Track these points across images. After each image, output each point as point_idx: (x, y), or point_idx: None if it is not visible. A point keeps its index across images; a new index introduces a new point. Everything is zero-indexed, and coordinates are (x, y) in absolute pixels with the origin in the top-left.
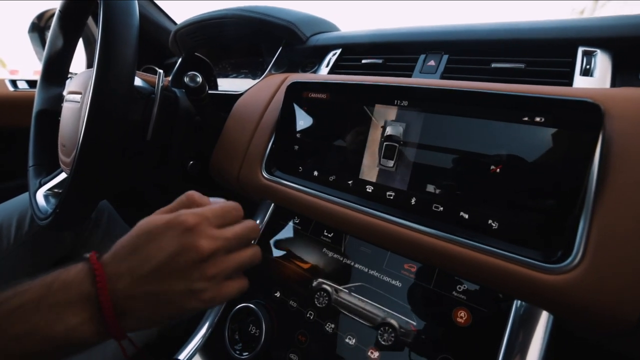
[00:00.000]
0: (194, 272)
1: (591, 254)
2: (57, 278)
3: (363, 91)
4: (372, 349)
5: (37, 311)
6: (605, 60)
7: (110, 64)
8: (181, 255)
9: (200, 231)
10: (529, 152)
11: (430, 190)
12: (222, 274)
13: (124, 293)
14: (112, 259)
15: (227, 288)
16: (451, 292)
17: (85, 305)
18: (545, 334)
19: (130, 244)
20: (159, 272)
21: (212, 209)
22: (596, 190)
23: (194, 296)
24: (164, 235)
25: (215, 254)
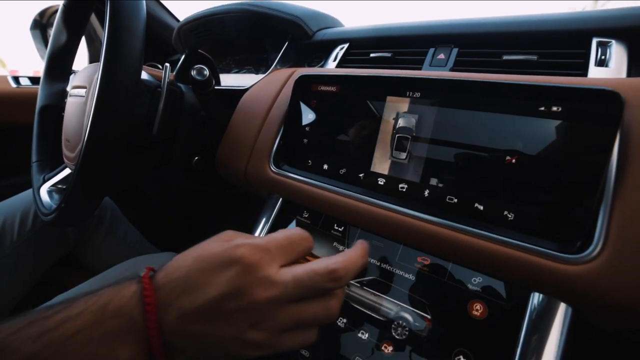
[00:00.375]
0: (245, 321)
1: (612, 243)
2: (111, 300)
3: (374, 83)
4: (386, 344)
5: (90, 342)
6: (620, 50)
7: (117, 56)
8: (231, 299)
9: (257, 272)
10: (545, 142)
11: (444, 182)
12: (279, 327)
13: (173, 329)
14: (164, 284)
15: (287, 341)
16: (466, 285)
17: (136, 338)
18: (564, 327)
19: (184, 269)
20: (207, 312)
21: (276, 240)
22: (616, 179)
23: (244, 346)
24: (217, 271)
25: (270, 304)
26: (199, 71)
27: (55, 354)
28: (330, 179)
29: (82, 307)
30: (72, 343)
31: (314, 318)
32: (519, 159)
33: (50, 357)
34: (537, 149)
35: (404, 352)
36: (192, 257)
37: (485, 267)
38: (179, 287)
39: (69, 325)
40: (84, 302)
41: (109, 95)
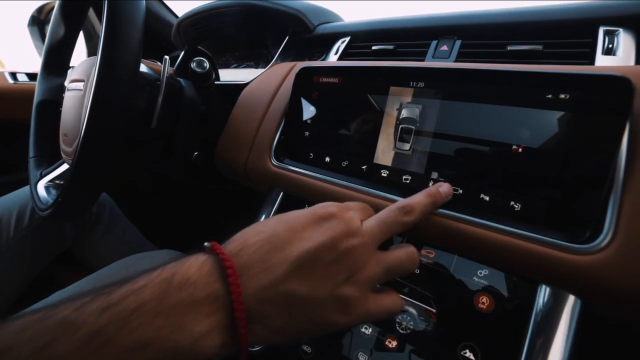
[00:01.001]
0: (341, 273)
1: (622, 233)
2: (176, 271)
3: (377, 74)
4: (390, 338)
5: (157, 314)
6: (628, 39)
7: (115, 47)
8: (329, 249)
9: (348, 223)
10: (552, 131)
11: (449, 172)
12: (373, 278)
13: (259, 294)
14: (239, 251)
15: (375, 303)
16: (472, 278)
17: (214, 308)
18: (573, 319)
19: (265, 232)
20: (300, 267)
21: (353, 203)
22: (626, 168)
23: (337, 307)
24: (310, 226)
25: (365, 250)
26: (199, 63)
27: (121, 328)
28: (333, 171)
29: (145, 281)
30: (137, 316)
31: (400, 263)
32: (526, 149)
33: (115, 332)
34: (544, 138)
35: (408, 347)
36: (274, 222)
37: (491, 259)
38: (265, 248)
39: (132, 298)
40: (145, 276)
41: (107, 88)
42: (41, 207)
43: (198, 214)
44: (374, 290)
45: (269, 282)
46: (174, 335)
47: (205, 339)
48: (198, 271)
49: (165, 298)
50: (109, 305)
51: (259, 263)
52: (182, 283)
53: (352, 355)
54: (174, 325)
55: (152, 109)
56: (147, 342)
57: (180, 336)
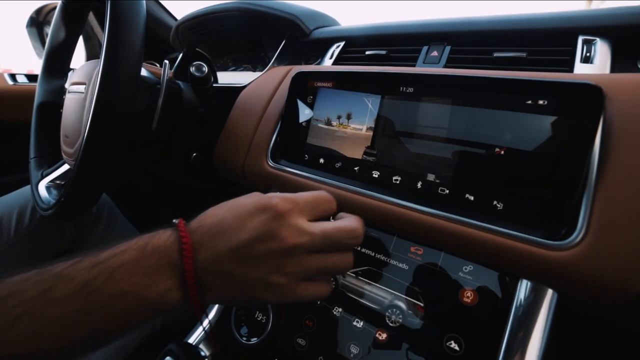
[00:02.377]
0: (271, 263)
1: (593, 231)
2: (149, 242)
3: (369, 79)
4: (380, 331)
5: (134, 273)
6: (604, 48)
7: (118, 52)
8: (262, 241)
9: (287, 220)
10: (532, 134)
11: (436, 173)
12: (300, 273)
13: (205, 267)
14: (197, 228)
15: (303, 289)
16: (457, 273)
17: (173, 272)
18: (550, 311)
19: (217, 216)
20: (237, 253)
21: (305, 196)
22: (598, 170)
23: (266, 289)
24: (251, 216)
25: (297, 250)
26: (198, 67)
27: (107, 280)
28: (326, 172)
29: (125, 246)
30: (119, 272)
31: (334, 267)
32: (508, 151)
33: (103, 283)
34: (524, 141)
35: (398, 339)
36: (226, 206)
37: (475, 256)
38: (213, 230)
39: (115, 259)
40: (125, 243)
41: (109, 91)
42: (43, 207)
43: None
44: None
45: (212, 259)
46: (146, 289)
47: (167, 294)
48: (164, 242)
49: (140, 261)
50: (97, 263)
51: (208, 242)
52: (153, 250)
53: (345, 348)
54: (146, 282)
55: (152, 111)
56: (126, 292)
57: (150, 290)
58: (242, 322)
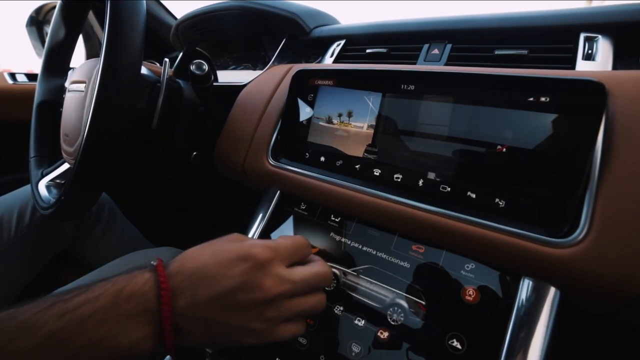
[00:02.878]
0: (252, 311)
1: (596, 228)
2: (125, 285)
3: (370, 77)
4: (381, 330)
5: (107, 321)
6: (606, 45)
7: (118, 51)
8: (245, 291)
9: (269, 269)
10: (534, 132)
11: (438, 171)
12: (280, 318)
13: (183, 313)
14: (177, 273)
15: (282, 331)
16: (459, 271)
17: (149, 320)
18: (552, 309)
19: (200, 262)
20: (219, 301)
21: (285, 243)
22: (600, 167)
23: (247, 334)
24: (233, 265)
25: (278, 297)
26: (198, 66)
27: (76, 330)
28: (327, 170)
29: (99, 291)
30: (91, 321)
31: (312, 308)
32: (509, 149)
33: (71, 333)
34: (526, 139)
35: (399, 337)
36: (209, 252)
37: (477, 253)
38: (195, 276)
39: (87, 306)
40: (100, 286)
41: (109, 90)
42: (43, 206)
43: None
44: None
45: (193, 306)
46: (118, 338)
47: (140, 343)
48: (141, 287)
49: (114, 308)
50: (67, 310)
51: (188, 288)
52: (129, 296)
53: (346, 347)
54: (119, 331)
55: (152, 110)
56: (97, 342)
57: (122, 339)
58: None
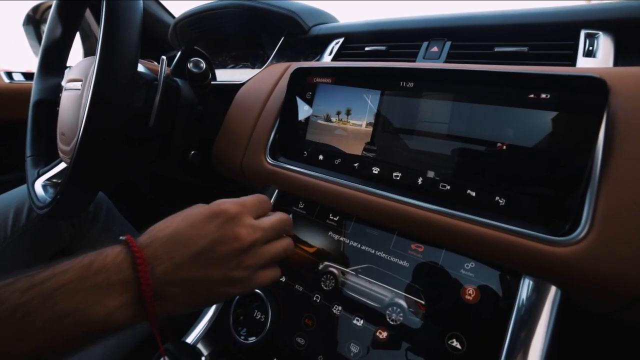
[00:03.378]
0: (232, 261)
1: (598, 226)
2: (94, 260)
3: (369, 74)
4: (380, 329)
5: (77, 292)
6: (607, 42)
7: (114, 48)
8: (223, 243)
9: (241, 221)
10: (534, 129)
11: (437, 170)
12: (258, 264)
13: (164, 278)
14: (149, 243)
15: (262, 277)
16: (459, 271)
17: (125, 288)
18: (553, 309)
19: (170, 228)
20: (199, 258)
21: (249, 199)
22: (602, 164)
23: (230, 284)
24: (206, 223)
25: (254, 245)
26: (196, 64)
27: (42, 303)
28: (326, 169)
29: (67, 266)
30: (58, 294)
31: (283, 251)
32: (510, 146)
33: (37, 307)
34: (526, 136)
35: (399, 337)
36: (178, 218)
37: (477, 252)
38: (169, 242)
39: (55, 280)
40: (68, 262)
41: (105, 87)
42: (39, 205)
43: None
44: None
45: (172, 269)
46: (91, 308)
47: (117, 312)
48: (113, 260)
49: (84, 280)
50: (33, 284)
51: (164, 254)
52: (99, 269)
53: (345, 347)
54: (91, 301)
55: (149, 108)
56: (67, 314)
57: (96, 309)
58: (240, 322)
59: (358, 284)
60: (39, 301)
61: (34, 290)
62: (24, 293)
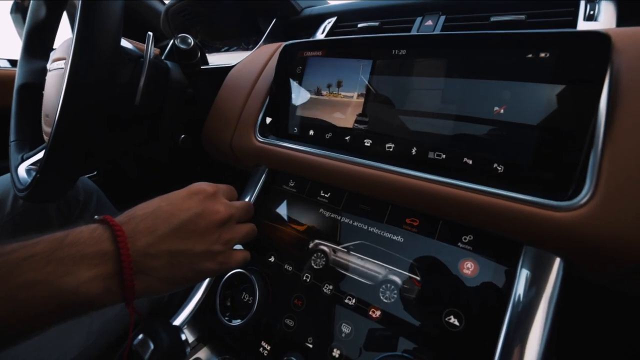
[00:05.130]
0: (212, 234)
1: (603, 188)
2: (68, 234)
3: (360, 44)
4: (373, 308)
5: (47, 263)
6: (609, 6)
7: (94, 19)
8: (203, 217)
9: (218, 199)
10: (533, 91)
11: (431, 138)
12: (233, 240)
13: (145, 251)
14: (128, 220)
15: (237, 256)
16: (456, 244)
17: (102, 261)
18: (557, 280)
19: (150, 207)
20: (181, 231)
21: (221, 185)
22: (606, 125)
23: (210, 257)
24: (188, 200)
25: (229, 221)
26: (183, 39)
27: (10, 271)
28: (317, 144)
29: (39, 238)
30: (26, 264)
31: (252, 232)
32: (508, 109)
33: (4, 275)
34: (524, 99)
35: (392, 316)
36: (157, 200)
37: (476, 222)
38: (150, 218)
39: (23, 250)
40: (39, 237)
41: (84, 59)
42: (20, 188)
43: None
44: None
45: (154, 242)
46: (62, 278)
47: (89, 283)
48: (89, 234)
49: (56, 252)
50: (0, 254)
51: (145, 229)
52: (73, 242)
53: (336, 327)
54: (63, 272)
55: (136, 86)
56: (36, 282)
57: (67, 279)
58: (227, 304)
59: (350, 261)
60: (4, 271)
61: (1, 259)
62: None
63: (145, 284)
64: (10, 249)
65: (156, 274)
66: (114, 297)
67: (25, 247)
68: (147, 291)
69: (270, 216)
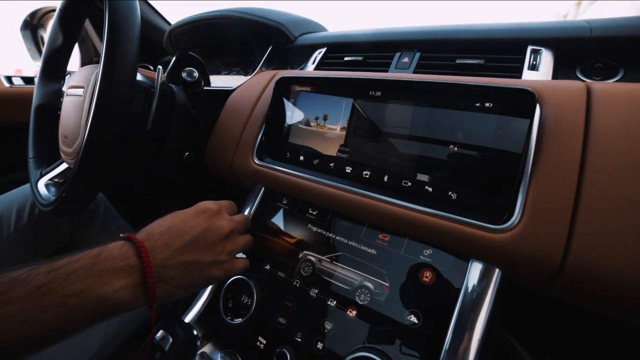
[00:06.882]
0: (218, 246)
1: (527, 215)
2: (102, 251)
3: (343, 84)
4: (350, 308)
5: (88, 276)
6: (548, 57)
7: (115, 61)
8: (210, 232)
9: (222, 215)
10: (479, 133)
11: (400, 168)
12: (235, 250)
13: (163, 263)
14: (148, 237)
15: (239, 263)
16: (418, 257)
17: (129, 272)
18: (495, 286)
19: (165, 225)
20: (192, 245)
21: (223, 202)
22: (532, 165)
23: (217, 266)
24: (195, 218)
25: (232, 233)
26: (189, 73)
27: (61, 283)
28: (306, 168)
29: (79, 256)
30: (73, 276)
31: (250, 243)
32: (460, 148)
33: (57, 286)
34: (473, 139)
35: (366, 315)
36: (170, 218)
37: (434, 240)
38: (166, 235)
39: (70, 265)
40: (79, 254)
41: (109, 95)
42: (43, 203)
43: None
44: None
45: (170, 255)
46: (100, 288)
47: (121, 291)
48: (118, 250)
49: (94, 266)
50: (53, 269)
51: (162, 245)
52: (107, 258)
53: (320, 324)
54: (100, 282)
55: (147, 113)
56: (80, 291)
57: (104, 288)
58: (229, 305)
59: (332, 269)
60: (57, 282)
61: (53, 273)
62: (46, 275)
63: (165, 291)
64: (58, 264)
65: (173, 282)
66: (139, 301)
67: (71, 263)
68: (166, 296)
69: (267, 229)
